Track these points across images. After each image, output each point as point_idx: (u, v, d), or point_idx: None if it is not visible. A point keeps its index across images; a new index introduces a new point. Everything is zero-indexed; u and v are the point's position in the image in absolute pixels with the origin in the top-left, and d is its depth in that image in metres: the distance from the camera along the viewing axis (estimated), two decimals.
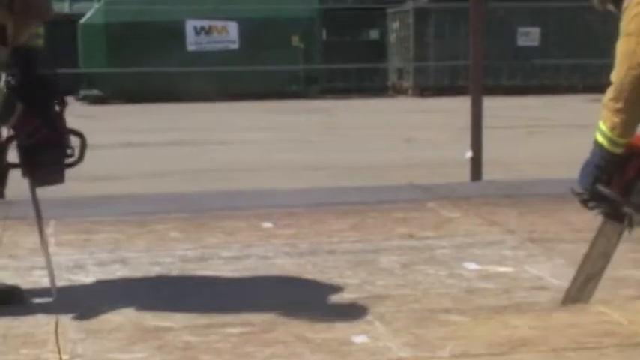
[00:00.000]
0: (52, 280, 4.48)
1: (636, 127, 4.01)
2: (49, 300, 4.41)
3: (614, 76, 3.93)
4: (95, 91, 19.43)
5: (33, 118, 4.22)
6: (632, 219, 4.11)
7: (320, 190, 7.67)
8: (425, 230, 5.91)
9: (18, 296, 4.50)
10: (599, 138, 4.01)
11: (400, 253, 5.34)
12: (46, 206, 4.46)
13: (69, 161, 4.34)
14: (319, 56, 20.39)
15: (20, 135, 4.26)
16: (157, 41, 19.48)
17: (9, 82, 4.25)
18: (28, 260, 5.12)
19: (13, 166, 4.38)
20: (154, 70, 18.22)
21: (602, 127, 3.98)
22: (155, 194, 7.57)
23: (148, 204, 6.97)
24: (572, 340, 3.90)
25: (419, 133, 13.03)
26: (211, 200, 7.15)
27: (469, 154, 7.86)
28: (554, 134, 13.04)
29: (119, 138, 12.57)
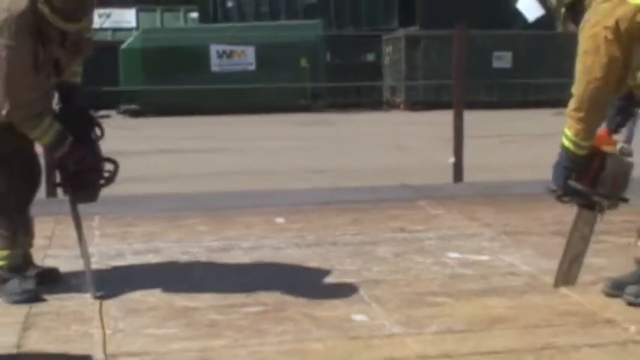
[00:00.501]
0: (89, 275, 4.42)
1: (596, 131, 4.01)
2: (94, 281, 4.40)
3: (575, 90, 3.93)
4: (133, 106, 19.43)
5: (81, 147, 4.19)
6: (602, 205, 4.13)
7: (324, 190, 7.67)
8: (414, 225, 5.91)
9: (56, 276, 4.52)
10: (565, 142, 4.01)
11: (393, 244, 5.34)
12: (92, 204, 4.44)
13: (102, 182, 4.33)
14: (323, 75, 20.35)
15: (69, 162, 4.23)
16: (186, 63, 19.49)
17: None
18: (75, 250, 5.11)
19: (56, 185, 4.39)
20: (183, 88, 18.21)
21: (567, 133, 3.98)
22: (184, 193, 7.57)
23: (178, 202, 6.97)
24: (541, 319, 3.90)
25: (409, 141, 13.03)
26: (232, 199, 7.15)
27: (452, 159, 7.86)
28: (524, 143, 13.02)
29: (154, 145, 12.57)
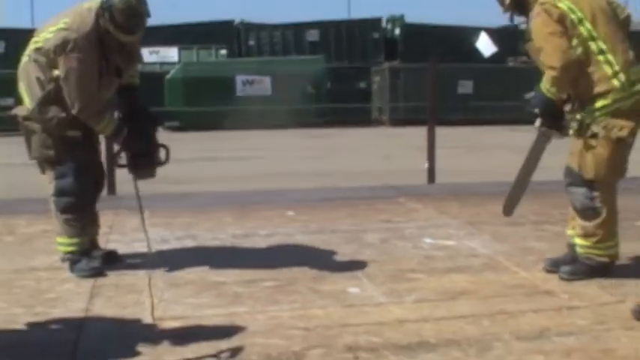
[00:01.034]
0: (148, 245, 4.46)
1: (567, 88, 3.93)
2: (145, 262, 4.42)
3: (546, 59, 3.85)
4: (176, 123, 19.39)
5: (135, 137, 4.21)
6: (567, 128, 4.01)
7: (326, 190, 7.66)
8: (397, 217, 5.90)
9: (115, 257, 4.53)
10: (544, 90, 3.92)
11: (380, 232, 5.33)
12: (143, 201, 4.45)
13: (161, 160, 4.33)
14: (325, 99, 20.30)
15: (125, 148, 4.26)
16: (217, 89, 19.45)
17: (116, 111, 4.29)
18: (131, 236, 5.14)
19: (120, 166, 4.39)
20: (215, 109, 18.23)
21: (545, 84, 3.91)
22: (215, 192, 7.57)
23: (210, 199, 6.97)
24: (495, 291, 3.90)
25: (393, 151, 13.01)
26: (252, 196, 7.14)
27: (426, 165, 7.85)
28: (484, 153, 13.01)
29: (191, 155, 12.57)
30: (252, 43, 23.57)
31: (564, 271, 4.06)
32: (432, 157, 7.83)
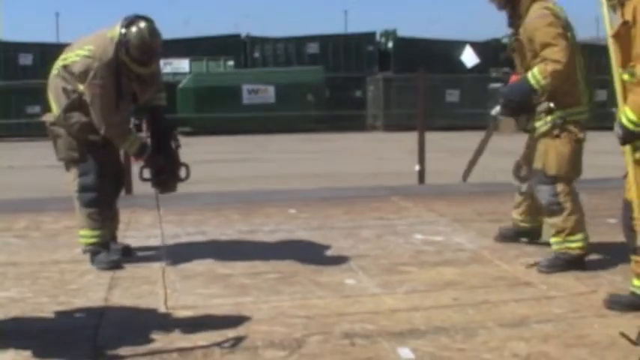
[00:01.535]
0: (163, 242, 4.48)
1: (559, 84, 3.92)
2: (159, 254, 4.42)
3: (554, 54, 3.86)
4: (187, 128, 19.35)
5: (158, 156, 4.27)
6: (524, 123, 4.09)
7: (325, 189, 7.65)
8: (390, 214, 5.90)
9: (131, 251, 4.53)
10: (531, 81, 3.93)
11: (374, 228, 5.33)
12: (163, 197, 4.46)
13: (181, 177, 4.37)
14: (324, 106, 20.26)
15: (149, 165, 4.31)
16: (225, 98, 19.43)
17: (136, 126, 4.33)
18: (146, 232, 5.14)
19: (144, 180, 4.41)
20: (223, 116, 18.22)
21: (537, 75, 3.91)
22: (223, 192, 7.56)
23: (218, 198, 6.96)
24: (480, 282, 3.90)
25: (386, 154, 13.01)
26: (257, 195, 7.13)
27: (417, 167, 7.85)
28: (468, 155, 12.98)
29: (202, 157, 12.51)
30: (257, 55, 23.54)
31: (542, 265, 4.08)
32: (422, 160, 7.83)
